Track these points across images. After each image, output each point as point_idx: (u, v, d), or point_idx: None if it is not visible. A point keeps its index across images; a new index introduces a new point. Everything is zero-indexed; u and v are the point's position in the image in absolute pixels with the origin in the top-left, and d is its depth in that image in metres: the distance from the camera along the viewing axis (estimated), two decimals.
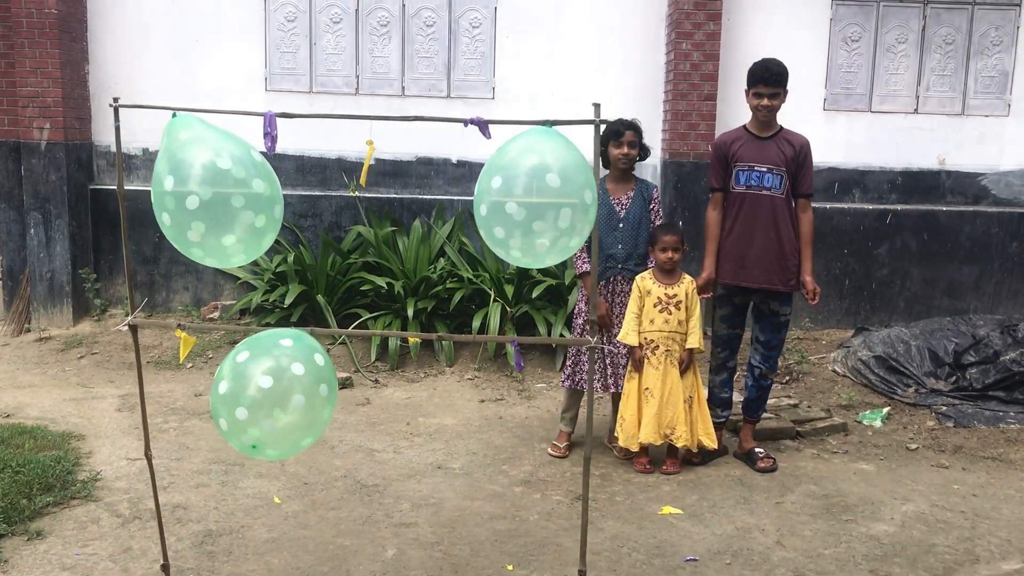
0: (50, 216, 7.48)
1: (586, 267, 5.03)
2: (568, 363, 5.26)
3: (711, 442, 4.94)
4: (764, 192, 4.88)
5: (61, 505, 4.19)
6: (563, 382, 5.26)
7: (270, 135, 2.65)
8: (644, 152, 5.09)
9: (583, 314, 5.21)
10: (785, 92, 4.88)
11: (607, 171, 5.14)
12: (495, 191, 2.56)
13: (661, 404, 4.83)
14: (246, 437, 2.66)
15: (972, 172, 8.02)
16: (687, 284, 4.88)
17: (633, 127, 4.99)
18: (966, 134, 7.96)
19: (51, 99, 7.34)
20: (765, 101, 4.82)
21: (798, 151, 4.90)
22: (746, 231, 4.92)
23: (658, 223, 5.08)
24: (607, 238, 5.00)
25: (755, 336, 5.14)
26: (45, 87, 7.32)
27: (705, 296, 5.07)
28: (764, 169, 4.87)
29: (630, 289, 5.04)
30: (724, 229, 5.02)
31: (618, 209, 5.03)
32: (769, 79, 4.78)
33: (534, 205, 2.51)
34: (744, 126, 5.02)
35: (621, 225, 5.03)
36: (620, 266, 5.04)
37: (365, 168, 2.90)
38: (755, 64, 4.87)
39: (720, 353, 5.18)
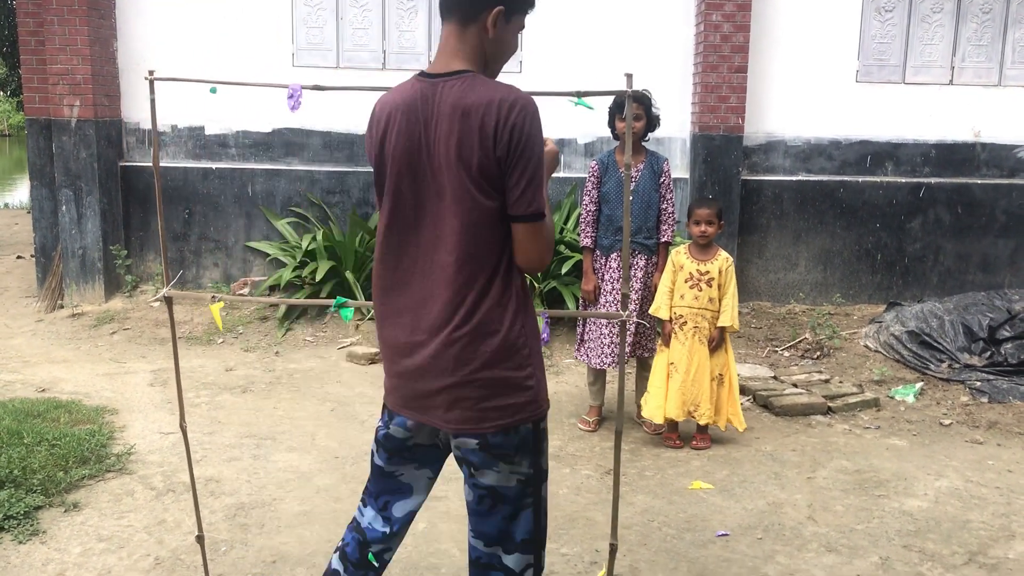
0: (81, 193, 7.54)
1: (587, 241, 5.09)
2: (578, 337, 5.29)
3: (739, 423, 4.90)
4: None
5: (96, 478, 4.25)
6: (576, 355, 5.30)
7: (294, 96, 2.71)
8: (651, 123, 5.01)
9: (607, 292, 5.13)
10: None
11: (617, 143, 5.08)
12: None
13: (685, 380, 4.80)
14: None
15: (1008, 144, 7.86)
16: (721, 261, 4.81)
17: (638, 98, 4.88)
18: (1002, 105, 7.80)
19: (81, 76, 7.38)
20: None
21: None
22: None
23: (668, 196, 5.04)
24: (616, 211, 4.93)
25: None
26: (75, 64, 7.35)
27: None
28: None
29: (643, 263, 5.03)
30: None
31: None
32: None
33: None
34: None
35: (630, 198, 4.99)
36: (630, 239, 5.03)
37: None
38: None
39: None
